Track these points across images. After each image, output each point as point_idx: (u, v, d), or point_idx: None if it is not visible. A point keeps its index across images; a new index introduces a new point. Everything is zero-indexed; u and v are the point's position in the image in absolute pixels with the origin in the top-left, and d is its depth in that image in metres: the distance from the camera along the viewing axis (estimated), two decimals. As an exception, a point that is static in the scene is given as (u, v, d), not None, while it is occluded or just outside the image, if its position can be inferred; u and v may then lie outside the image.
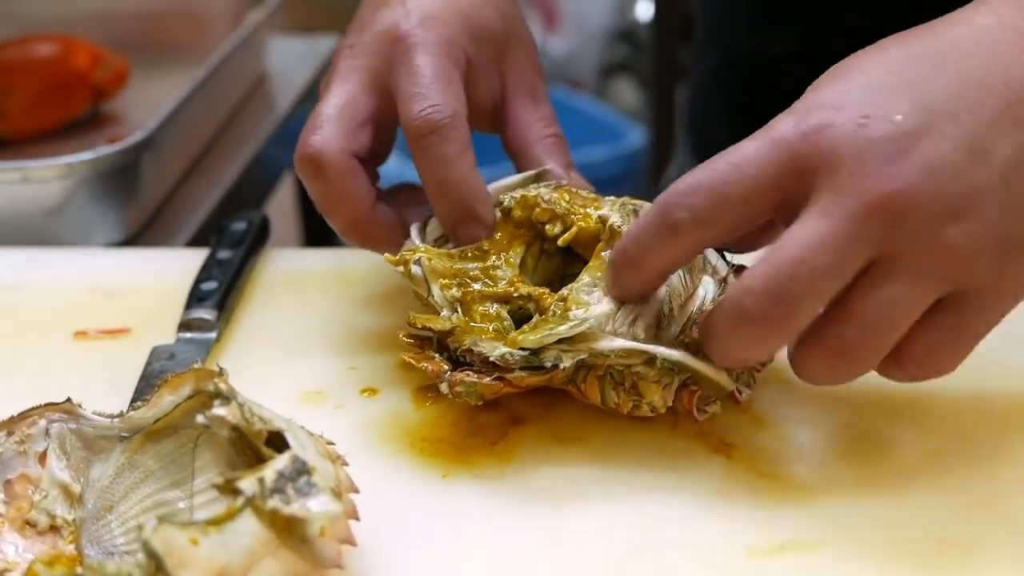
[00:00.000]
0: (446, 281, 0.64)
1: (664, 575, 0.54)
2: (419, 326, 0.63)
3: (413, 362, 0.62)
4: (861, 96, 0.54)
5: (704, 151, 1.00)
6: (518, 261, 0.66)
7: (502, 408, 0.64)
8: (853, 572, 0.53)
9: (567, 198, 0.66)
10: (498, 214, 0.67)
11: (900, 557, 0.54)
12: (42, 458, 0.57)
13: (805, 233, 0.53)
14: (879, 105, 0.54)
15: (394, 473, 0.61)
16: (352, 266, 0.81)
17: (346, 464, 0.54)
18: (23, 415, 0.57)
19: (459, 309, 0.63)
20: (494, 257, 0.66)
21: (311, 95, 1.30)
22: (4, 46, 1.11)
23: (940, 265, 0.53)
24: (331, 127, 0.68)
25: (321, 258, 0.86)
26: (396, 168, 2.64)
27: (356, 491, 0.53)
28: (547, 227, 0.65)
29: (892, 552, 0.54)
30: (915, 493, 0.58)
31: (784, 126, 0.54)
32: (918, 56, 0.56)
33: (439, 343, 0.62)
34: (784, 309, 0.53)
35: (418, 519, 0.58)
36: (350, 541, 0.51)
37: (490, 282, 0.64)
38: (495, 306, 0.63)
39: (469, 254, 0.66)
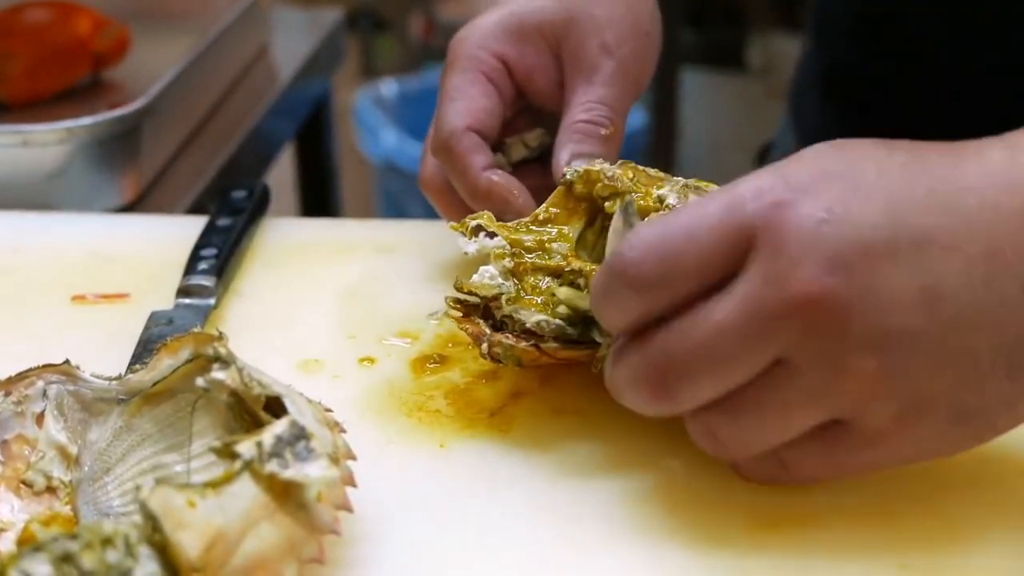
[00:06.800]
0: (499, 251, 0.64)
1: (661, 547, 0.54)
2: (466, 291, 0.63)
3: (456, 324, 0.63)
4: (839, 191, 0.49)
5: (805, 130, 0.98)
6: (576, 236, 0.65)
7: (501, 380, 0.64)
8: (848, 547, 0.53)
9: (631, 175, 0.65)
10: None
11: (896, 534, 0.54)
12: (39, 419, 0.56)
13: (717, 314, 0.49)
14: (851, 207, 0.49)
15: (392, 442, 0.61)
16: (352, 236, 0.81)
17: (344, 431, 0.54)
18: (21, 376, 0.57)
19: (511, 279, 0.63)
20: (553, 230, 0.65)
21: (312, 67, 1.29)
22: (5, 11, 1.11)
23: (841, 393, 0.49)
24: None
25: (321, 228, 0.86)
26: (395, 143, 2.62)
27: (354, 458, 0.53)
28: (607, 204, 0.64)
29: (888, 529, 0.54)
30: (910, 473, 0.58)
31: (747, 190, 0.50)
32: (918, 172, 0.50)
33: (484, 309, 0.62)
34: (669, 393, 0.50)
35: (415, 487, 0.58)
36: (347, 507, 0.51)
37: (544, 255, 0.64)
38: (546, 280, 0.63)
39: (527, 227, 0.66)
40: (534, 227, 0.66)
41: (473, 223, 0.66)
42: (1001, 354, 0.50)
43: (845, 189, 0.49)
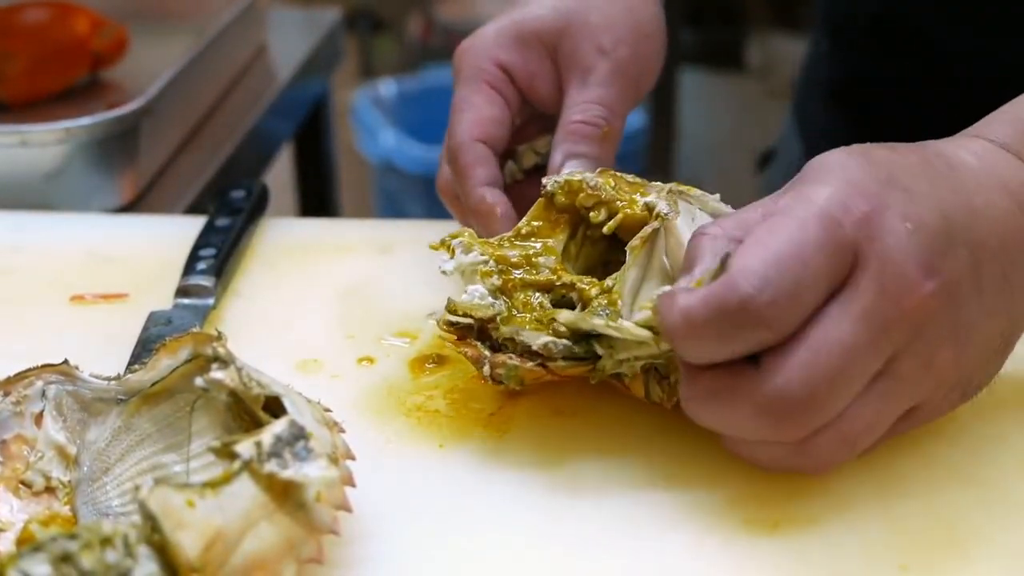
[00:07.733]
0: (486, 269, 0.62)
1: (660, 545, 0.54)
2: (460, 313, 0.61)
3: (453, 348, 0.62)
4: (903, 199, 0.53)
5: (809, 136, 0.98)
6: (561, 248, 0.64)
7: (499, 380, 0.64)
8: (845, 549, 0.53)
9: (612, 183, 0.63)
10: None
11: (893, 536, 0.54)
12: (38, 419, 0.56)
13: (840, 334, 0.51)
14: (919, 215, 0.52)
15: (391, 442, 0.61)
16: (350, 236, 0.81)
17: (343, 431, 0.54)
18: (20, 376, 0.57)
19: (500, 297, 0.61)
20: (537, 244, 0.64)
21: (310, 67, 1.29)
22: (4, 10, 1.11)
23: (923, 385, 0.53)
24: None
25: (320, 228, 0.86)
26: (394, 143, 2.61)
27: (352, 458, 0.53)
28: (591, 214, 0.63)
29: (885, 531, 0.54)
30: (909, 473, 0.58)
31: (832, 207, 0.52)
32: (935, 178, 0.55)
33: (479, 331, 0.61)
34: (798, 420, 0.51)
35: (414, 487, 0.58)
36: (346, 507, 0.51)
37: (532, 270, 0.63)
38: (538, 295, 0.61)
39: (510, 241, 0.64)
40: (518, 241, 0.64)
41: (454, 241, 0.65)
42: (1004, 336, 0.56)
43: (906, 197, 0.53)
